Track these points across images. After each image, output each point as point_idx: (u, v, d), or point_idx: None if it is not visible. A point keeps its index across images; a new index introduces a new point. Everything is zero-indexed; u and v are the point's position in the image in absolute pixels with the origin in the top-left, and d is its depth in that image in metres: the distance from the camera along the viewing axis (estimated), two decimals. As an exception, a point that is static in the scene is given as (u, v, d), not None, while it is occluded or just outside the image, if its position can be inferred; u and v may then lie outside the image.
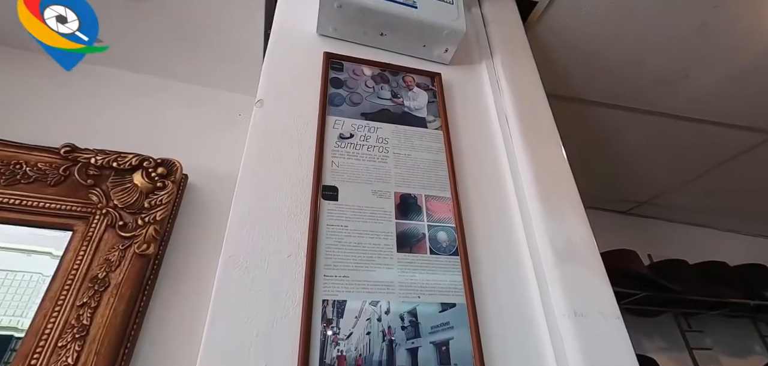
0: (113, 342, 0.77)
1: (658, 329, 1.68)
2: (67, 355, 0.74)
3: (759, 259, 1.69)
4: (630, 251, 1.51)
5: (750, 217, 1.87)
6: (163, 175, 0.97)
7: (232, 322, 0.52)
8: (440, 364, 0.54)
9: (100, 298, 0.81)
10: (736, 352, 1.71)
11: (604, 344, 0.57)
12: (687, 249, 1.73)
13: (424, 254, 0.62)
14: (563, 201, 0.72)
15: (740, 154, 1.49)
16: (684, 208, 1.85)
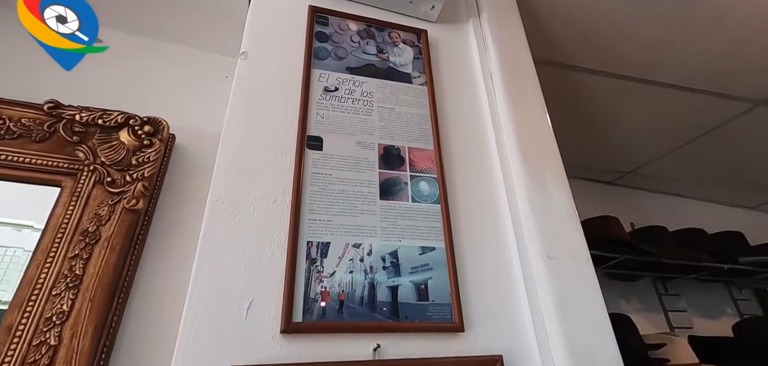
0: (106, 292, 0.80)
1: (637, 292, 1.75)
2: (62, 303, 0.76)
3: (737, 228, 1.77)
4: (612, 217, 1.56)
5: (730, 188, 1.93)
6: (150, 134, 0.97)
7: (219, 259, 0.54)
8: (419, 300, 0.58)
9: (91, 251, 0.83)
10: (709, 313, 1.80)
11: (573, 284, 0.61)
12: (668, 218, 1.79)
13: (406, 202, 0.65)
14: (542, 156, 0.74)
15: (723, 123, 1.52)
16: (667, 178, 1.90)
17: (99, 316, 0.77)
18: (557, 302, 0.59)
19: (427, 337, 0.56)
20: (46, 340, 0.73)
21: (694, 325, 1.72)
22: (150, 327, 0.82)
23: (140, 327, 0.82)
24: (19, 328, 0.74)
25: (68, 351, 0.74)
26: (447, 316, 0.57)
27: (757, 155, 1.66)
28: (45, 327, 0.75)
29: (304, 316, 0.53)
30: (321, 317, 0.53)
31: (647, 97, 1.41)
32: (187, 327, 0.50)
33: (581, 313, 0.59)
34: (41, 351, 0.73)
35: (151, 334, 0.81)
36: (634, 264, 1.54)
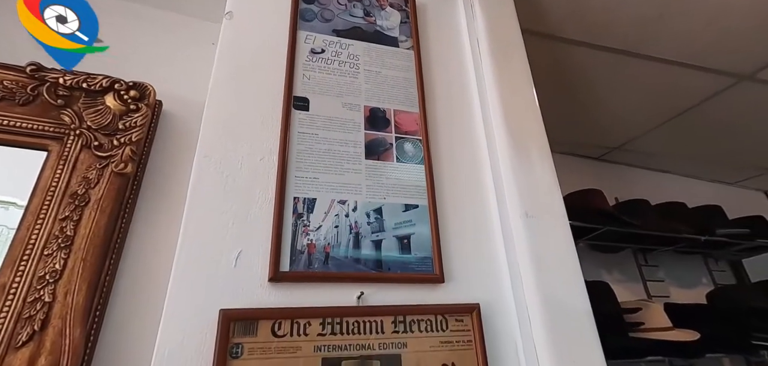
0: (98, 252, 0.81)
1: (618, 264, 1.82)
2: (54, 262, 0.78)
3: (717, 202, 1.83)
4: (596, 190, 1.61)
5: (712, 163, 1.99)
6: (136, 99, 0.97)
7: (208, 213, 0.56)
8: (402, 252, 0.61)
9: (81, 213, 0.84)
10: (685, 284, 1.89)
11: (549, 241, 0.65)
12: (652, 193, 1.84)
13: (391, 162, 0.67)
14: (525, 121, 0.77)
15: (709, 98, 1.55)
16: (652, 153, 1.95)
17: (92, 275, 0.79)
18: (533, 256, 0.62)
19: (409, 287, 0.59)
20: (40, 297, 0.75)
21: (671, 295, 1.80)
22: (143, 286, 0.84)
23: (133, 286, 0.84)
24: (12, 287, 0.75)
25: (63, 307, 0.76)
26: (428, 268, 0.60)
27: (738, 131, 1.70)
28: (38, 285, 0.76)
29: (291, 266, 0.55)
30: (307, 267, 0.56)
31: (635, 72, 1.43)
32: (177, 275, 0.52)
33: (556, 267, 0.63)
34: (36, 307, 0.75)
35: (144, 293, 0.84)
36: (616, 236, 1.60)
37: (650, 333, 1.38)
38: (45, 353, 0.74)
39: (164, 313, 0.49)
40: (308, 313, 0.53)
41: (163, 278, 0.84)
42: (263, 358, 0.50)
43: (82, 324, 0.77)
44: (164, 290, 0.53)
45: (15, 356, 0.71)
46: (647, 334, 1.35)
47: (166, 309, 0.50)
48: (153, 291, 0.85)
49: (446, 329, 0.57)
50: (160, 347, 0.47)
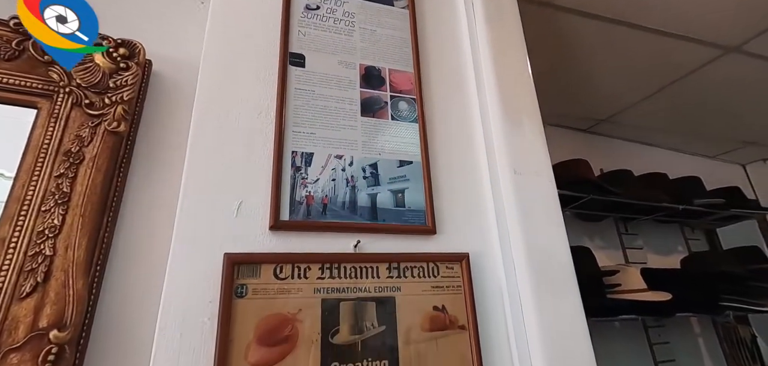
0: (96, 209, 0.82)
1: (600, 232, 1.91)
2: (53, 218, 0.79)
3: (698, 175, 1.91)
4: (582, 160, 1.66)
5: (695, 136, 2.06)
6: (126, 57, 0.95)
7: (208, 165, 0.58)
8: (396, 206, 0.64)
9: (76, 170, 0.84)
10: (662, 251, 1.99)
11: (535, 196, 0.68)
12: (636, 165, 1.91)
13: (386, 120, 0.69)
14: (517, 83, 0.79)
15: (696, 69, 1.59)
16: (638, 126, 2.00)
17: (91, 231, 0.81)
18: (520, 210, 0.66)
19: (403, 238, 0.62)
20: (41, 251, 0.77)
21: (648, 261, 1.90)
22: (141, 243, 0.86)
23: (131, 242, 0.86)
24: (12, 241, 0.76)
25: (65, 260, 0.78)
26: (421, 221, 0.64)
27: (722, 105, 1.76)
28: (38, 239, 0.77)
29: (291, 216, 0.58)
30: (306, 217, 0.59)
31: (624, 41, 1.46)
32: (181, 223, 0.54)
33: (540, 221, 0.67)
34: (37, 260, 0.76)
35: (143, 248, 0.85)
36: (599, 205, 1.66)
37: (626, 294, 1.46)
38: (50, 303, 0.76)
39: (171, 256, 0.52)
40: (308, 259, 0.56)
41: (159, 235, 0.86)
42: (266, 297, 0.53)
43: (85, 276, 0.80)
44: (161, 245, 0.55)
45: (20, 306, 0.74)
46: (623, 295, 1.44)
47: (173, 253, 0.52)
48: (151, 247, 0.87)
49: (437, 275, 0.61)
50: (168, 285, 0.50)
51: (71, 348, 0.74)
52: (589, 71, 1.64)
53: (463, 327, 0.60)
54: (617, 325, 1.65)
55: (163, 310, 0.50)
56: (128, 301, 0.79)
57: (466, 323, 0.60)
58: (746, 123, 1.91)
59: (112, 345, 0.74)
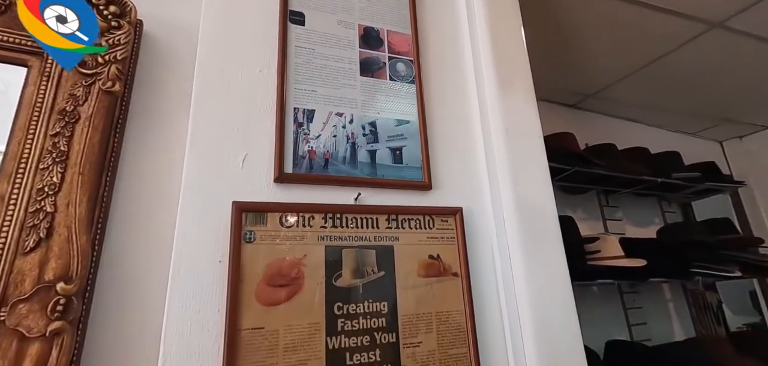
0: (95, 168, 0.83)
1: (582, 204, 1.99)
2: (52, 176, 0.79)
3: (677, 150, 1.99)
4: (568, 133, 1.72)
5: (676, 113, 2.14)
6: (117, 15, 0.93)
7: (212, 119, 0.59)
8: (394, 163, 0.67)
9: (73, 129, 0.84)
10: (640, 223, 2.10)
11: (525, 155, 0.73)
12: (620, 141, 1.98)
13: (384, 80, 0.71)
14: (510, 48, 0.81)
15: (681, 45, 1.64)
16: (624, 102, 2.06)
17: (91, 189, 0.81)
18: (511, 169, 0.70)
19: (401, 193, 0.66)
20: (42, 208, 0.77)
21: (626, 232, 2.00)
22: (140, 201, 0.87)
23: (131, 201, 0.87)
24: (12, 198, 0.77)
25: (67, 217, 0.79)
26: (418, 177, 0.67)
27: (704, 81, 1.83)
28: (38, 196, 0.78)
29: (294, 169, 0.61)
30: (309, 171, 0.61)
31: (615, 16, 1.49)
32: (190, 173, 0.56)
33: (529, 178, 0.72)
34: (39, 216, 0.77)
35: (142, 207, 0.86)
36: (583, 177, 1.73)
37: (605, 260, 1.55)
38: (54, 257, 0.78)
39: (180, 204, 0.54)
40: (312, 209, 0.59)
41: (157, 193, 0.87)
42: (273, 243, 0.56)
43: (87, 232, 0.81)
44: (160, 204, 0.57)
45: (24, 260, 0.75)
46: (602, 262, 1.53)
47: (182, 201, 0.54)
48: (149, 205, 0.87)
49: (433, 227, 0.65)
50: (180, 231, 0.53)
51: (78, 299, 0.76)
52: (576, 43, 1.67)
53: (456, 274, 0.64)
54: (595, 289, 1.75)
55: (176, 255, 0.53)
56: (130, 255, 0.81)
57: (459, 271, 0.64)
58: (726, 100, 2.00)
59: (117, 296, 0.76)
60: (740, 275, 1.71)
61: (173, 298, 0.52)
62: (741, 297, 2.22)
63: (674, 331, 1.82)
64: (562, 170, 1.68)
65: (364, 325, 0.57)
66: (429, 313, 0.61)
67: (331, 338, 0.55)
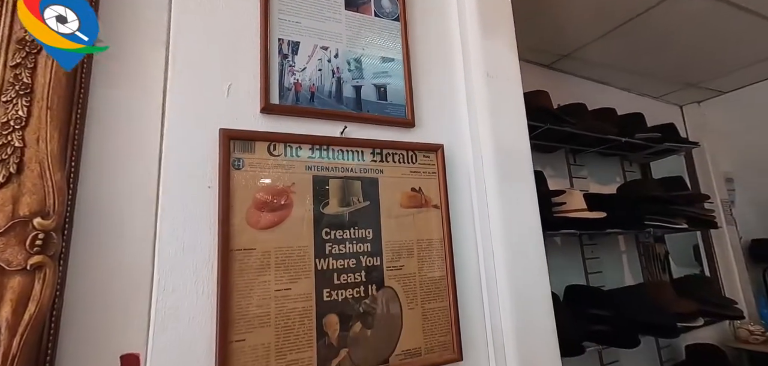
0: (63, 103, 0.79)
1: (551, 162, 2.10)
2: (16, 109, 0.75)
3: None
4: (542, 91, 1.78)
5: (643, 76, 2.25)
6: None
7: (194, 47, 0.58)
8: (379, 99, 0.69)
9: (35, 61, 0.78)
10: (603, 180, 2.25)
11: (504, 97, 0.76)
12: (590, 102, 2.07)
13: (369, 16, 0.71)
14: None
15: (654, 6, 1.69)
16: (596, 63, 2.14)
17: (61, 125, 0.78)
18: (490, 110, 0.74)
19: (385, 129, 0.68)
20: (9, 142, 0.74)
21: (590, 189, 2.14)
22: (112, 137, 0.84)
23: (103, 138, 0.84)
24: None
25: (37, 152, 0.75)
26: (401, 114, 0.70)
27: (672, 44, 1.92)
28: (4, 130, 0.74)
29: (281, 101, 0.61)
30: (295, 103, 0.62)
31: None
32: (174, 96, 0.56)
33: (507, 120, 0.76)
34: (6, 151, 0.73)
35: (119, 141, 0.83)
36: (554, 135, 1.81)
37: (569, 212, 1.67)
38: (28, 193, 0.75)
39: (166, 129, 0.54)
40: (299, 140, 0.61)
41: (128, 130, 0.84)
42: (262, 171, 0.58)
43: (61, 169, 0.78)
44: (132, 140, 0.56)
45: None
46: (567, 214, 1.64)
47: (168, 126, 0.54)
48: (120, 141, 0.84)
49: (415, 162, 0.69)
50: (167, 157, 0.53)
51: (58, 234, 0.75)
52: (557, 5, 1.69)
53: (437, 206, 0.69)
54: (558, 241, 1.89)
55: (164, 180, 0.53)
56: (108, 189, 0.79)
57: (439, 203, 0.69)
58: (690, 63, 2.11)
59: (98, 230, 0.76)
60: (686, 227, 1.89)
61: (164, 222, 0.53)
62: (685, 250, 2.45)
63: (625, 278, 2.02)
64: (534, 128, 1.74)
65: (351, 250, 0.61)
66: (411, 241, 0.65)
67: (319, 260, 0.59)
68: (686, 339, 1.96)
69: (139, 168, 0.67)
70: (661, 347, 1.95)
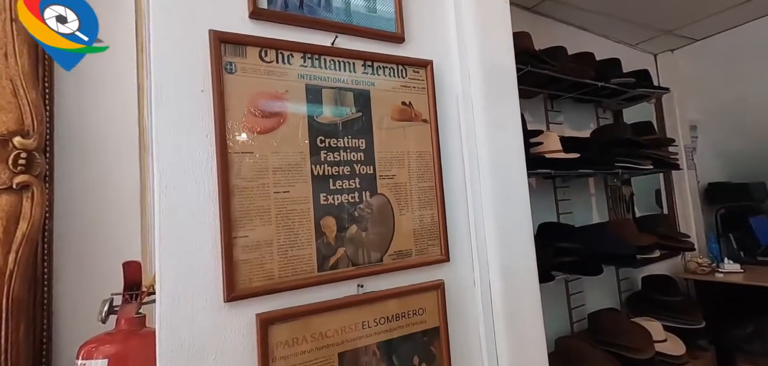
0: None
1: (530, 107, 2.17)
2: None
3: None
4: (525, 32, 1.80)
5: (621, 21, 2.31)
6: None
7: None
8: (368, 12, 0.70)
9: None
10: (577, 125, 2.36)
11: (492, 17, 0.79)
12: (570, 47, 2.12)
13: (359, -76, 0.70)
14: None
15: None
16: (578, 6, 2.17)
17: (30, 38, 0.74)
18: (479, 28, 0.77)
19: (375, 42, 0.70)
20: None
21: (565, 134, 2.24)
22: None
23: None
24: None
25: (7, 68, 0.73)
26: (392, 28, 0.71)
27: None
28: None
29: (269, 6, 0.61)
30: (284, 9, 0.62)
31: None
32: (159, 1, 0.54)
33: (495, 39, 0.80)
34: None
35: (94, 56, 0.80)
36: (534, 80, 1.85)
37: (545, 153, 1.76)
38: (3, 111, 0.73)
39: (153, 30, 0.53)
40: (290, 47, 0.62)
41: (110, 35, 0.81)
42: (255, 77, 0.59)
43: (35, 87, 0.76)
44: (115, 46, 0.54)
45: (-36, 114, 0.70)
46: (543, 154, 1.73)
47: (155, 26, 0.53)
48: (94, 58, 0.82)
49: (405, 77, 0.71)
50: (157, 60, 0.53)
51: (40, 154, 0.74)
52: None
53: (426, 120, 0.73)
54: (533, 183, 2.00)
55: (156, 85, 0.54)
56: (85, 107, 0.78)
57: (428, 118, 0.73)
58: (667, 8, 2.18)
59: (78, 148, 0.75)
60: (652, 168, 2.04)
61: (159, 125, 0.53)
62: (649, 195, 2.65)
63: (594, 218, 2.18)
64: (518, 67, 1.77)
65: (345, 158, 0.64)
66: (401, 152, 0.70)
67: (315, 166, 0.62)
68: (643, 271, 2.19)
69: (121, 77, 0.66)
70: (621, 278, 2.16)
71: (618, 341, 1.69)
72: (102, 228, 0.78)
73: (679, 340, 1.81)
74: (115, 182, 0.78)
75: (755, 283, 2.04)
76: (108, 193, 0.78)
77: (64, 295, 0.74)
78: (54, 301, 0.73)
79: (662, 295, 2.00)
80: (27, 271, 0.69)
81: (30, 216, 0.70)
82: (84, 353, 0.60)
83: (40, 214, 0.72)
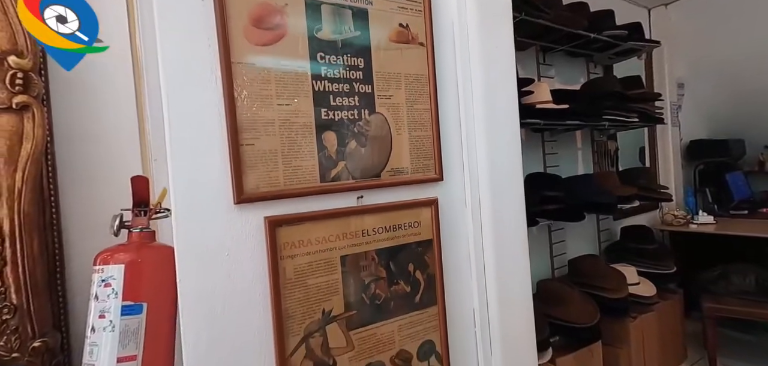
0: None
1: (522, 60, 2.21)
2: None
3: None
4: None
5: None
6: None
7: None
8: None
9: None
10: (568, 79, 2.42)
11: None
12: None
13: None
14: None
15: None
16: (573, -45, 2.16)
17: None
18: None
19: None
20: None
21: (556, 87, 2.29)
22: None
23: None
24: None
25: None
26: (390, -50, 0.72)
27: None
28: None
29: None
30: None
31: None
32: None
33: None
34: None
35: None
36: (526, 30, 1.87)
37: (536, 103, 1.82)
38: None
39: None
40: (290, -41, 0.63)
41: None
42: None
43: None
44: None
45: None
46: (533, 104, 1.79)
47: None
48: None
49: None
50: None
51: (37, 75, 0.75)
52: None
53: (422, 44, 0.76)
54: (522, 136, 2.07)
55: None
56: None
57: (425, 41, 0.76)
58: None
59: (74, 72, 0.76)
60: (637, 121, 2.13)
61: (164, 35, 0.55)
62: (633, 150, 2.77)
63: (579, 171, 2.28)
64: (511, 17, 1.79)
65: (344, 76, 0.68)
66: (398, 73, 0.73)
67: (316, 82, 0.66)
68: (622, 223, 2.33)
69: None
70: (601, 229, 2.30)
71: (595, 283, 1.84)
72: (101, 147, 0.81)
73: (650, 284, 1.98)
74: (114, 101, 0.80)
75: (724, 232, 2.21)
76: (105, 113, 0.79)
77: (71, 214, 0.78)
78: (62, 220, 0.77)
79: (638, 243, 2.15)
80: (34, 191, 0.72)
81: (33, 136, 0.72)
82: (101, 260, 0.65)
83: (43, 135, 0.74)
